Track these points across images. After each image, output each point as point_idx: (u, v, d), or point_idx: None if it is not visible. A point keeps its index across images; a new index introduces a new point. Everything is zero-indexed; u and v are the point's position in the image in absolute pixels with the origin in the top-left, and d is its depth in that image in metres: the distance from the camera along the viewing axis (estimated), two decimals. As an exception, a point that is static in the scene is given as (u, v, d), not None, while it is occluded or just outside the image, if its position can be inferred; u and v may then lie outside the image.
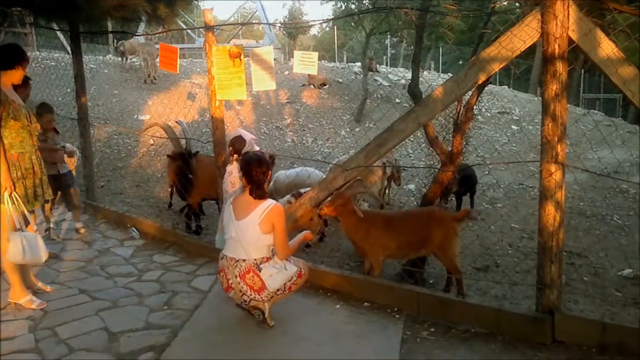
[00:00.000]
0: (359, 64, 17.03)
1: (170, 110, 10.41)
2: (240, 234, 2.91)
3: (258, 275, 2.91)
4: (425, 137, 4.29)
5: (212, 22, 4.35)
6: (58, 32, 11.21)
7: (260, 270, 2.91)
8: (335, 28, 24.76)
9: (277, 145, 10.59)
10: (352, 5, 15.97)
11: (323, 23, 36.82)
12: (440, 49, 24.48)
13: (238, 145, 4.41)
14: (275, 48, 20.71)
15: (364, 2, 14.94)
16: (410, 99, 11.04)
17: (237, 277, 2.92)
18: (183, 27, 16.20)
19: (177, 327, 3.13)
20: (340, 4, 17.24)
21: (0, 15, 7.30)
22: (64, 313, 3.33)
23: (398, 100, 13.87)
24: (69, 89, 9.23)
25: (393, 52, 28.21)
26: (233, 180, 4.23)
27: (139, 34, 12.67)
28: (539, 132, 2.88)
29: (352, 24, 18.26)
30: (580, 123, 11.69)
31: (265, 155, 3.14)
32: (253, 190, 2.94)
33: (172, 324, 3.17)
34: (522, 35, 2.85)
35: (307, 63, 4.02)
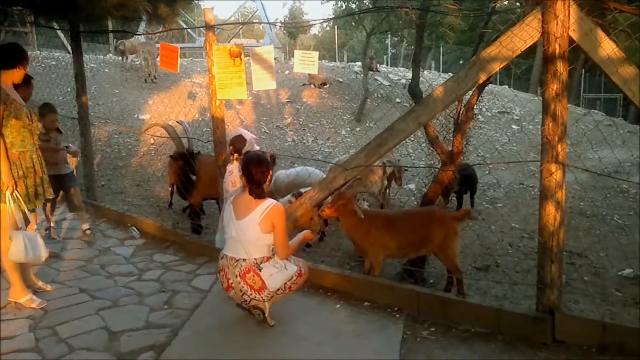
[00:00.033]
0: (360, 64, 17.02)
1: (171, 110, 10.41)
2: (241, 234, 2.91)
3: (258, 275, 2.91)
4: (426, 136, 4.29)
5: (212, 21, 4.35)
6: (58, 31, 11.20)
7: (261, 270, 2.92)
8: (336, 27, 24.73)
9: (277, 145, 10.59)
10: (352, 5, 15.96)
11: (323, 22, 36.80)
12: (441, 49, 24.49)
13: (238, 145, 4.42)
14: (276, 47, 20.73)
15: (365, 1, 14.95)
16: (411, 99, 11.05)
17: (237, 276, 2.92)
18: (183, 26, 16.20)
19: (177, 326, 3.13)
20: (341, 4, 17.24)
21: (1, 15, 7.30)
22: (64, 312, 3.33)
23: (398, 100, 13.87)
24: (70, 88, 9.24)
25: (393, 51, 28.20)
26: (234, 180, 4.23)
27: (140, 33, 12.67)
28: (540, 131, 2.88)
29: (352, 24, 18.25)
30: (581, 123, 11.68)
31: (267, 155, 3.14)
32: (252, 190, 2.94)
33: (172, 323, 3.17)
34: (522, 35, 2.84)
35: (307, 62, 4.02)
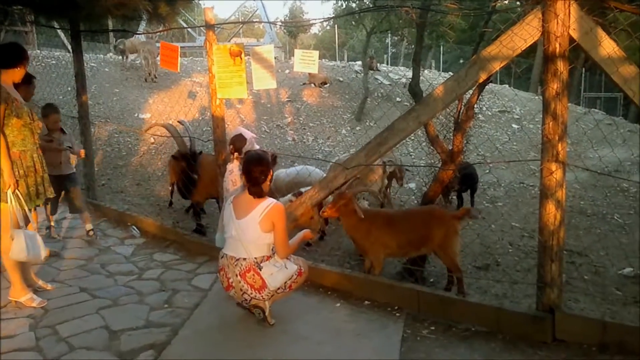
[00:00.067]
0: (360, 63, 17.00)
1: (171, 109, 10.40)
2: (241, 233, 2.91)
3: (258, 274, 2.91)
4: (426, 135, 4.28)
5: (212, 20, 4.35)
6: (59, 30, 11.19)
7: (261, 269, 2.92)
8: (336, 27, 24.71)
9: (277, 144, 10.58)
10: (352, 4, 15.97)
11: (324, 22, 36.77)
12: (441, 48, 24.50)
13: (238, 144, 4.42)
14: (276, 47, 20.73)
15: (365, 0, 14.94)
16: (411, 98, 11.08)
17: (237, 275, 2.93)
18: (184, 25, 16.22)
19: (177, 325, 3.14)
20: (341, 3, 17.24)
21: (1, 14, 7.31)
22: (65, 311, 3.33)
23: (399, 99, 13.86)
24: (70, 88, 9.25)
25: (394, 50, 28.19)
26: (234, 179, 4.23)
27: (140, 33, 12.66)
28: (540, 130, 2.88)
29: (352, 23, 18.26)
30: (581, 122, 11.67)
31: (268, 154, 3.14)
32: (250, 189, 2.94)
33: (172, 323, 3.17)
34: (522, 34, 2.84)
35: (307, 62, 4.01)
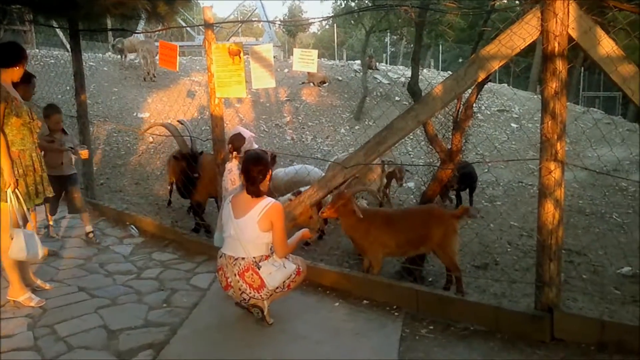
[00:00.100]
0: (359, 62, 17.00)
1: (170, 108, 10.39)
2: (239, 232, 2.91)
3: (257, 273, 2.91)
4: (425, 135, 4.28)
5: (211, 19, 4.34)
6: (57, 29, 11.18)
7: (260, 268, 2.92)
8: (335, 26, 24.73)
9: (276, 143, 10.58)
10: (351, 3, 15.94)
11: (323, 21, 36.71)
12: (440, 47, 24.47)
13: (237, 143, 4.42)
14: (275, 46, 20.70)
15: (364, -1, 14.94)
16: (410, 97, 11.07)
17: (236, 275, 2.92)
18: (183, 24, 16.19)
19: (176, 324, 3.14)
20: (340, 2, 17.20)
21: (0, 13, 7.28)
22: (63, 311, 3.33)
23: (398, 98, 13.85)
24: (69, 87, 9.20)
25: (393, 50, 28.16)
26: (233, 178, 4.23)
27: (139, 32, 12.63)
28: (539, 130, 2.88)
29: (351, 22, 18.23)
30: (580, 121, 11.67)
31: (267, 154, 3.13)
32: (249, 188, 2.94)
33: (171, 322, 3.17)
34: (521, 33, 2.84)
35: (306, 61, 4.01)
